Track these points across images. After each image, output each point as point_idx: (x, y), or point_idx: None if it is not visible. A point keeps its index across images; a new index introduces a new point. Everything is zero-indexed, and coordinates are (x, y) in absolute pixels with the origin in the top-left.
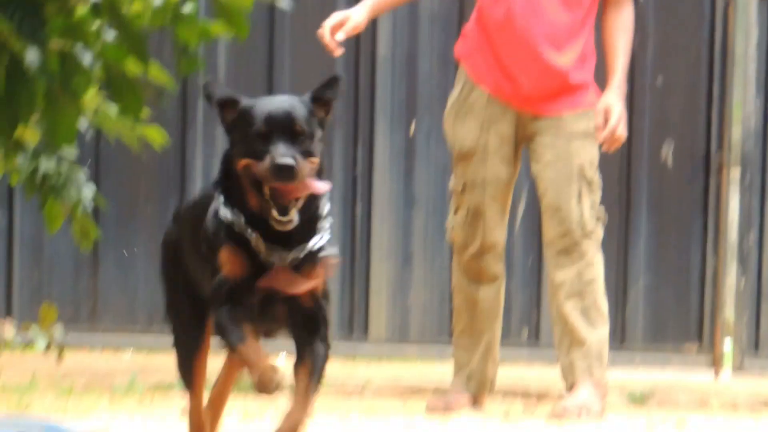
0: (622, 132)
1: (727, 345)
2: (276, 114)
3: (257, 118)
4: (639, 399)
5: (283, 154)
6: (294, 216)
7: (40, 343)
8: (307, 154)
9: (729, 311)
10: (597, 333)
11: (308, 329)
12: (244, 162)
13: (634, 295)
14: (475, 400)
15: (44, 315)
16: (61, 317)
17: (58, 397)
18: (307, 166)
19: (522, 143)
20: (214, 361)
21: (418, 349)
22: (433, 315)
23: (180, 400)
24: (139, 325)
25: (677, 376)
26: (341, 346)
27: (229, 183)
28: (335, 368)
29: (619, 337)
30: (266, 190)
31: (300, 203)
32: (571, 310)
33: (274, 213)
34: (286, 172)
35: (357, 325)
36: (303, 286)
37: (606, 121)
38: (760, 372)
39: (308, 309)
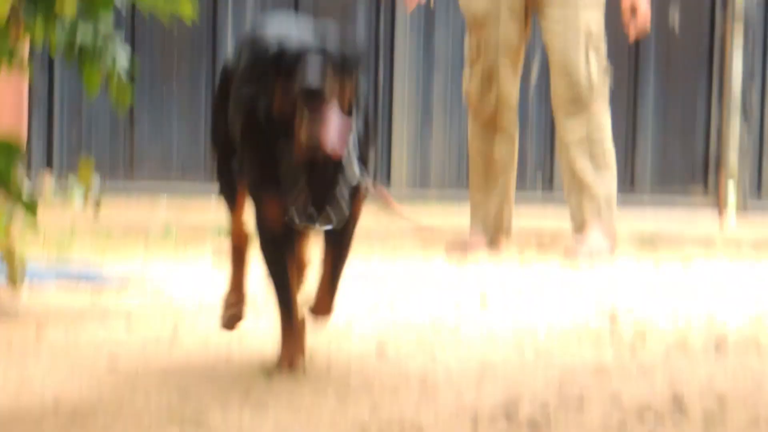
0: (647, 21)
1: (731, 189)
2: (308, 44)
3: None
4: (647, 241)
5: (311, 74)
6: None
7: (78, 194)
8: (343, 81)
9: (733, 156)
10: (604, 179)
11: (336, 240)
12: (280, 107)
13: (642, 143)
14: (492, 243)
15: (82, 168)
16: (99, 169)
17: (96, 244)
18: (336, 89)
19: (531, 11)
20: None
21: (438, 193)
22: (452, 164)
23: (211, 244)
24: (173, 173)
25: (683, 218)
26: None
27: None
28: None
29: (629, 182)
30: (297, 122)
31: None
32: (580, 158)
33: (305, 137)
34: (315, 96)
35: (379, 174)
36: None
37: (633, 10)
38: (762, 213)
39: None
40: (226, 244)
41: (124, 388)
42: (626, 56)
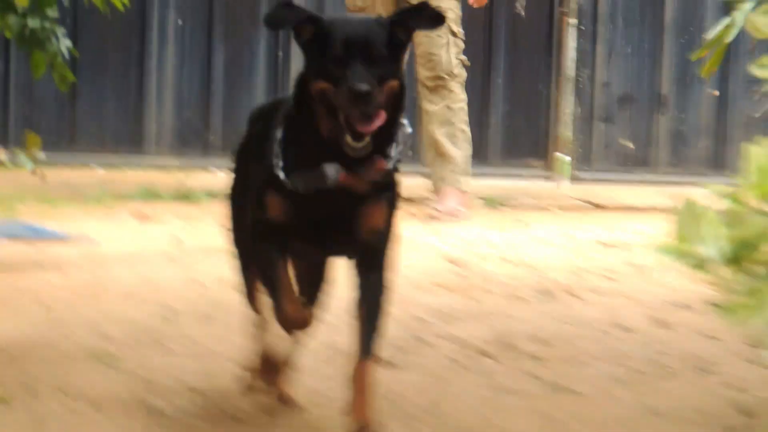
0: None
1: (564, 160)
2: (354, 37)
3: (335, 40)
4: (494, 203)
5: (360, 79)
6: (368, 142)
7: (26, 164)
8: (385, 78)
9: (566, 131)
10: (462, 152)
11: (367, 263)
12: (319, 86)
13: (494, 121)
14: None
15: (30, 141)
16: (46, 143)
17: (41, 205)
18: (383, 92)
19: (402, 3)
20: None
21: None
22: None
23: (135, 207)
24: (107, 146)
25: (525, 186)
26: None
27: (302, 106)
28: None
29: (481, 156)
30: (341, 118)
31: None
32: (441, 134)
33: (348, 139)
34: (363, 99)
35: None
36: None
37: None
38: (589, 181)
39: (369, 243)
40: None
41: (55, 331)
42: (480, 41)
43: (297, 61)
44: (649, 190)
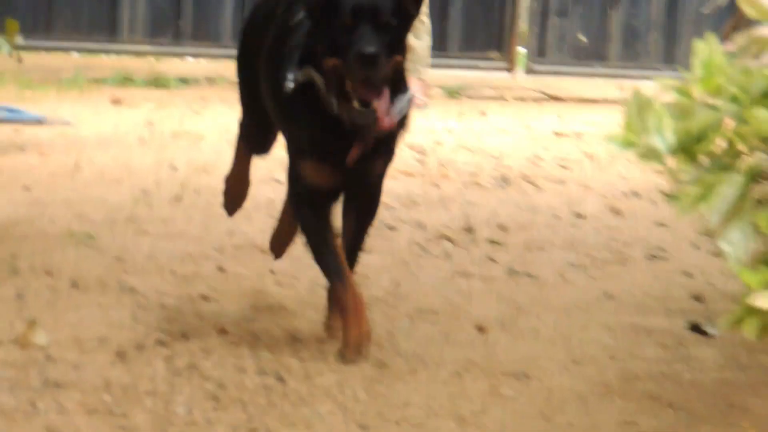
0: None
1: (520, 52)
2: (363, 5)
3: (344, 8)
4: (454, 93)
5: (368, 43)
6: (374, 110)
7: (4, 47)
8: (392, 48)
9: (522, 25)
10: (422, 42)
11: (363, 196)
12: (331, 62)
13: (453, 13)
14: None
15: (9, 26)
16: (23, 28)
17: (18, 89)
18: (390, 61)
19: None
20: None
21: None
22: None
23: (110, 92)
24: (83, 32)
25: (484, 77)
26: None
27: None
28: None
29: (441, 47)
30: (349, 86)
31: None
32: None
33: (355, 103)
34: (370, 62)
35: None
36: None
37: None
38: (544, 73)
39: (371, 188)
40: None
41: (35, 211)
42: None
43: None
44: (602, 83)
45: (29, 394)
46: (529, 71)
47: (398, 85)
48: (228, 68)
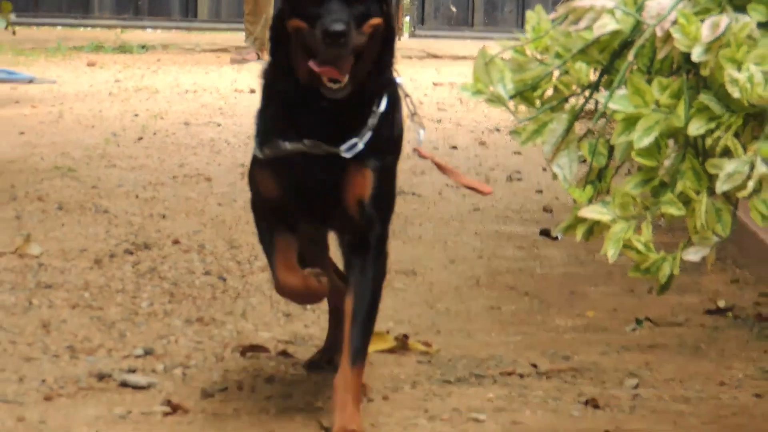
0: None
1: (405, 20)
2: None
3: None
4: None
5: (335, 19)
6: (346, 84)
7: (1, 23)
8: (365, 17)
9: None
10: None
11: (356, 242)
12: (294, 23)
13: None
14: (259, 54)
15: (3, 7)
16: (16, 7)
17: (13, 55)
18: (363, 32)
19: None
20: None
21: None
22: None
23: (86, 57)
24: (64, 8)
25: None
26: None
27: (281, 46)
28: None
29: None
30: (316, 61)
31: (353, 71)
32: None
33: (325, 79)
34: (336, 41)
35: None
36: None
37: None
38: (425, 37)
39: (356, 221)
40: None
41: (28, 150)
42: None
43: None
44: (470, 43)
45: (26, 293)
46: (413, 35)
47: (382, 60)
48: (177, 37)
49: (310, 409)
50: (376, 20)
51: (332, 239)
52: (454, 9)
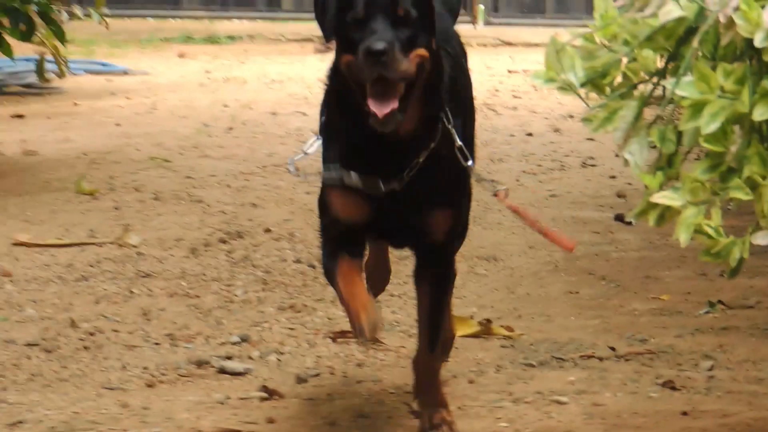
0: None
1: (480, 9)
2: None
3: (356, 1)
4: None
5: (376, 38)
6: (396, 116)
7: (96, 17)
8: (411, 43)
9: None
10: None
11: (428, 260)
12: (345, 59)
13: None
14: None
15: (97, 2)
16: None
17: (108, 48)
18: (409, 59)
19: None
20: None
21: None
22: None
23: (176, 48)
24: (155, 3)
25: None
26: None
27: (339, 82)
28: None
29: None
30: (369, 88)
31: (405, 102)
32: None
33: (373, 109)
34: (377, 57)
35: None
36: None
37: None
38: (499, 25)
39: (428, 244)
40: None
41: (124, 141)
42: None
43: None
44: (542, 30)
45: (126, 282)
46: (487, 23)
47: (432, 88)
48: (262, 27)
49: (399, 393)
50: (422, 51)
51: None
52: None
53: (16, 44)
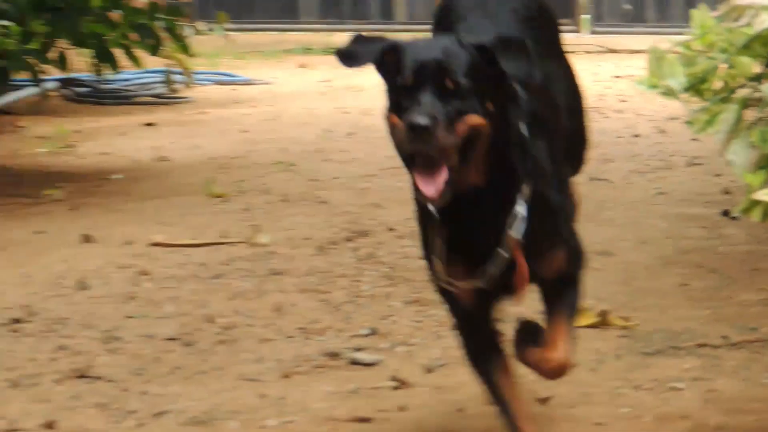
0: None
1: (585, 18)
2: (426, 62)
3: (406, 65)
4: None
5: (420, 112)
6: (444, 190)
7: (220, 32)
8: (461, 113)
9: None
10: None
11: (554, 295)
12: (391, 120)
13: None
14: None
15: (220, 17)
16: (232, 15)
17: (232, 59)
18: (455, 130)
19: None
20: None
21: None
22: None
23: (297, 59)
24: (275, 17)
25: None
26: None
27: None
28: None
29: None
30: (415, 160)
31: (455, 176)
32: None
33: (420, 182)
34: (418, 133)
35: None
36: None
37: None
38: (603, 33)
39: (549, 287)
40: None
41: (249, 145)
42: None
43: None
44: (643, 38)
45: (258, 280)
46: (592, 32)
47: (500, 161)
48: None
49: (526, 382)
50: (476, 119)
51: None
52: (628, 6)
53: (146, 57)
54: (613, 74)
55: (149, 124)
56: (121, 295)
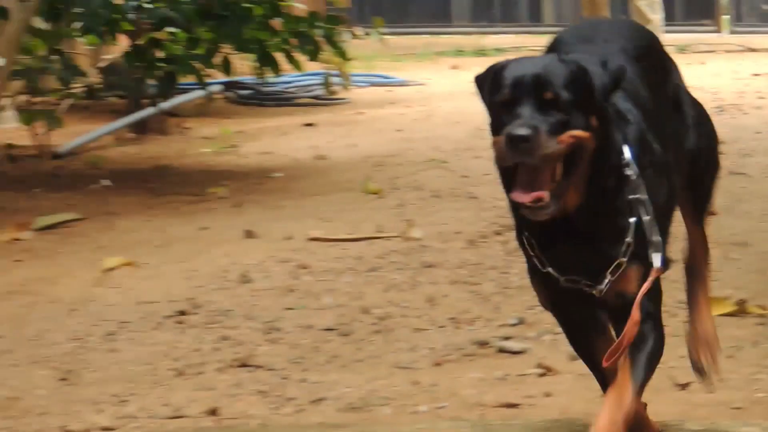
0: None
1: (725, 19)
2: (524, 77)
3: (504, 81)
4: (681, 49)
5: (520, 124)
6: (549, 203)
7: (375, 36)
8: (563, 126)
9: (724, 0)
10: (658, 16)
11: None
12: (495, 140)
13: None
14: None
15: (376, 22)
16: (387, 20)
17: (388, 62)
18: (557, 142)
19: None
20: None
21: None
22: None
23: (449, 61)
24: (428, 20)
25: (700, 37)
26: None
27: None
28: None
29: (669, 17)
30: (516, 175)
31: (559, 189)
32: (642, 4)
33: (516, 197)
34: (518, 143)
35: None
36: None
37: None
38: (742, 33)
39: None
40: None
41: (404, 146)
42: None
43: None
44: None
45: (411, 272)
46: (732, 32)
47: (605, 174)
48: (525, 40)
49: (663, 368)
50: (579, 132)
51: None
52: (766, 7)
53: (305, 60)
54: (752, 72)
55: (308, 125)
56: (282, 287)
